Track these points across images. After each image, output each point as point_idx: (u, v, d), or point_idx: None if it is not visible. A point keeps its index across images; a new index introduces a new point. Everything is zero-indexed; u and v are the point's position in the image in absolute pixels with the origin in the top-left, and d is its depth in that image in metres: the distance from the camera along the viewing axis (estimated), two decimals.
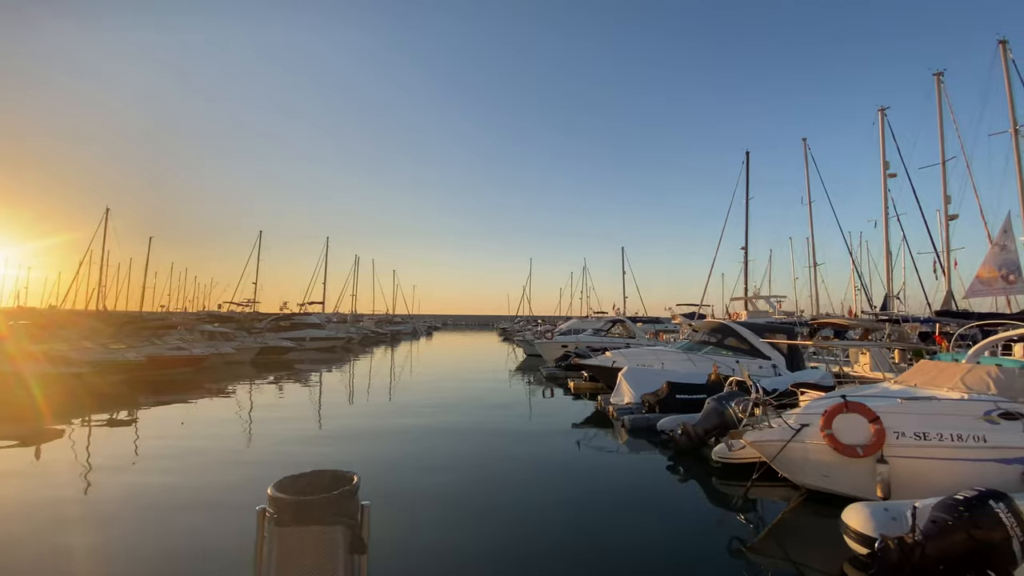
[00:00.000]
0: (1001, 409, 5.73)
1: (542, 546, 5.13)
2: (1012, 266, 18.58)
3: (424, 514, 6.00)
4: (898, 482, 5.61)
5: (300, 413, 13.03)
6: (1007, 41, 20.62)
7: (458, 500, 6.56)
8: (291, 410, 13.46)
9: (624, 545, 5.18)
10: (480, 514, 6.10)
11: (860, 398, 6.14)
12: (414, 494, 6.69)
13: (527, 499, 6.64)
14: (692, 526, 5.90)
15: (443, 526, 5.69)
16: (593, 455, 9.11)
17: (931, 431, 5.61)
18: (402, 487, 6.96)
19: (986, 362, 8.29)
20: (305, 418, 12.35)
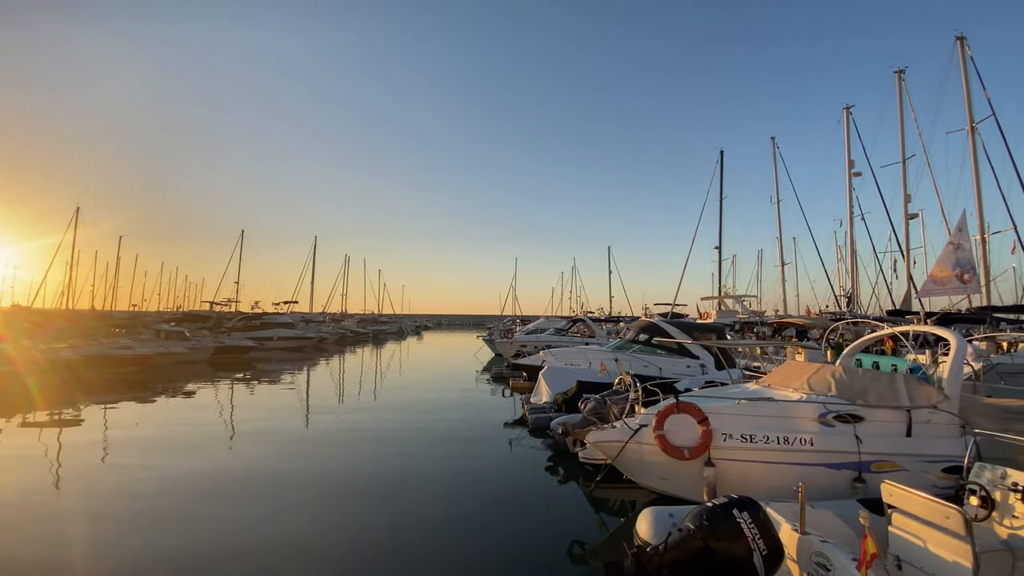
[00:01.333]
0: (835, 411, 5.50)
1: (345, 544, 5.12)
2: (967, 265, 18.30)
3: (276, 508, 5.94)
4: (725, 485, 5.38)
5: (203, 417, 12.31)
6: (965, 37, 20.38)
7: (303, 498, 6.50)
8: (194, 414, 12.62)
9: (459, 546, 5.22)
10: (323, 514, 6.02)
11: (694, 398, 5.94)
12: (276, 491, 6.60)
13: (382, 503, 6.53)
14: (534, 526, 5.81)
15: (276, 524, 5.63)
16: (488, 455, 8.96)
17: (758, 433, 5.39)
18: (267, 486, 6.83)
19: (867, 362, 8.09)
20: (205, 422, 11.95)
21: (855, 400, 5.59)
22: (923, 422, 5.41)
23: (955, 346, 5.81)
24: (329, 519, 5.83)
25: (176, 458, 8.28)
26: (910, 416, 5.42)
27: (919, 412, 5.43)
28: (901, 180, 22.72)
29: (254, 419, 12.09)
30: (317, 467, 7.93)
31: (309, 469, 7.82)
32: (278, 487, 6.92)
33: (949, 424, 5.36)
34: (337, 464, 8.20)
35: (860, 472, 5.17)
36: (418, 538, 5.38)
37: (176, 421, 11.63)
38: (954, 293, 19.04)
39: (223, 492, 6.64)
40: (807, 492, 5.24)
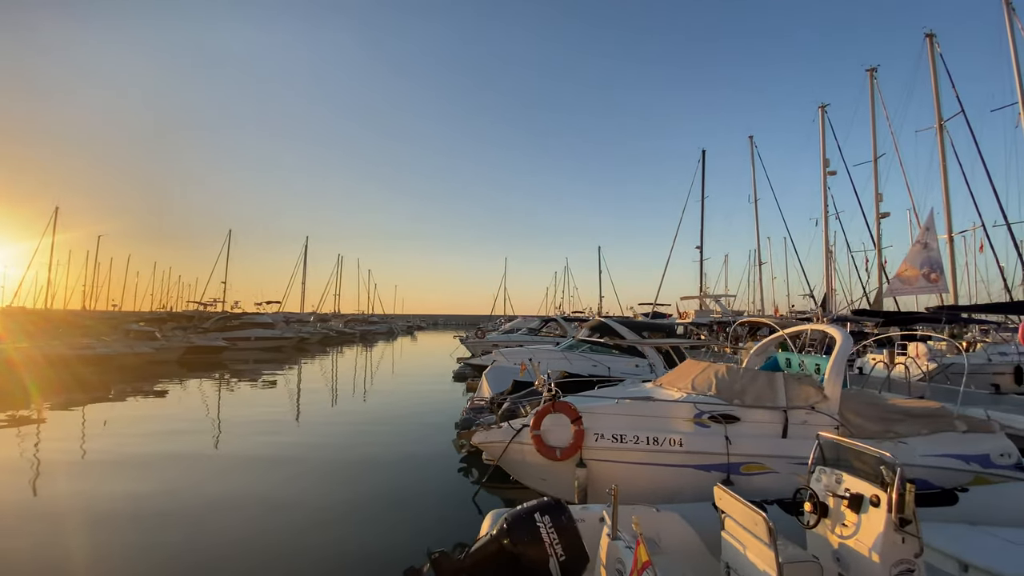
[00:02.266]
0: (711, 412, 5.38)
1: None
2: (934, 264, 18.17)
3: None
4: (597, 487, 5.28)
5: (129, 427, 11.33)
6: (935, 35, 20.24)
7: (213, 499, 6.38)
8: (120, 423, 11.75)
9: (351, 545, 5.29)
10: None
11: (578, 398, 5.82)
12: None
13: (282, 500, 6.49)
14: (419, 527, 5.80)
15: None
16: (418, 455, 8.90)
17: (629, 433, 5.27)
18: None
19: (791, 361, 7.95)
20: (139, 419, 11.74)
21: (732, 400, 5.47)
22: (799, 423, 5.28)
23: (839, 344, 5.68)
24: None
25: (69, 477, 7.53)
26: (786, 417, 5.30)
27: (796, 413, 5.31)
28: (873, 178, 22.62)
29: (176, 432, 10.70)
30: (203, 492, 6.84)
31: (190, 498, 6.65)
32: (157, 519, 5.96)
33: (826, 425, 5.22)
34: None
35: (728, 474, 5.05)
36: (276, 537, 5.30)
37: (96, 432, 11.01)
38: (921, 292, 18.96)
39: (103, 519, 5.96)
40: (674, 494, 5.15)
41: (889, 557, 3.23)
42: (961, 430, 5.20)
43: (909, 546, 3.22)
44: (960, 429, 5.20)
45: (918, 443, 5.12)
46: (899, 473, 3.30)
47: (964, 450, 5.08)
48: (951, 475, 4.99)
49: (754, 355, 7.33)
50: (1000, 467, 5.06)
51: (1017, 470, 5.08)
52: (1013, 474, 5.04)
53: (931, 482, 4.92)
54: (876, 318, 16.65)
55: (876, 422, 5.25)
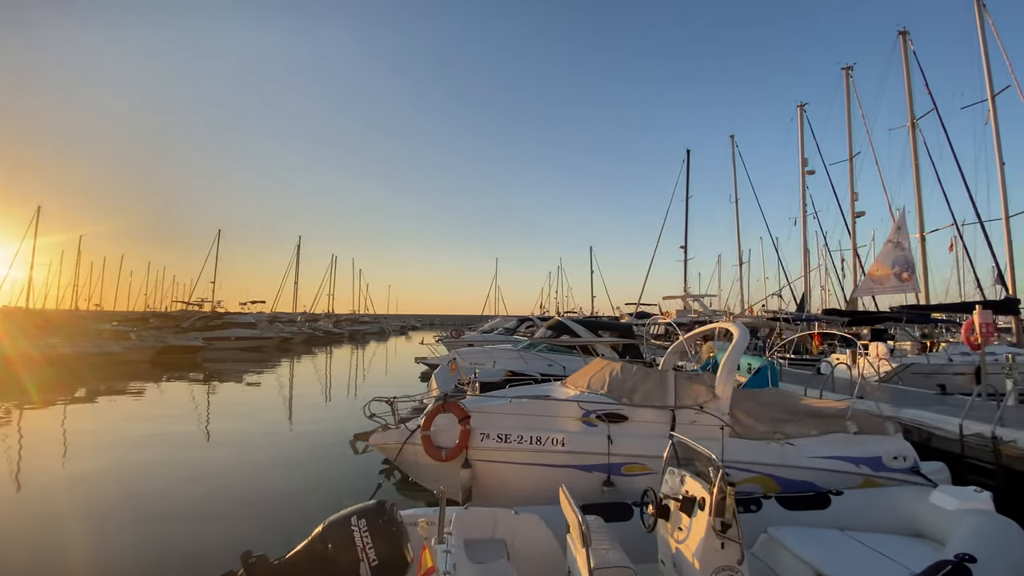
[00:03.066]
0: (600, 411, 5.24)
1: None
2: (906, 263, 18.02)
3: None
4: (482, 488, 5.15)
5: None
6: (908, 32, 20.11)
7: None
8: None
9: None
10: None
11: (475, 398, 5.69)
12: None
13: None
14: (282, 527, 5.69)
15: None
16: (334, 458, 8.74)
17: (514, 433, 5.13)
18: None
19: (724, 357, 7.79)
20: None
21: (621, 399, 5.33)
22: (688, 423, 5.14)
23: (735, 340, 5.54)
24: None
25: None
26: (674, 416, 5.16)
27: (684, 412, 5.17)
28: (848, 177, 22.47)
29: (94, 444, 9.73)
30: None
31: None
32: None
33: (713, 425, 5.08)
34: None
35: (609, 475, 4.91)
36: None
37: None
38: (892, 291, 18.81)
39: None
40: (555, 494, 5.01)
41: (710, 563, 3.09)
42: (852, 431, 5.06)
43: (730, 552, 3.08)
44: (851, 431, 5.06)
45: (807, 444, 4.98)
46: (720, 475, 3.17)
47: (855, 452, 4.94)
48: (840, 477, 4.86)
49: (670, 354, 7.20)
50: (892, 470, 4.92)
51: (911, 473, 4.94)
52: (905, 477, 4.90)
53: (817, 484, 4.78)
54: (843, 317, 16.51)
55: (766, 423, 5.11)
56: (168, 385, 17.51)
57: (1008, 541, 3.33)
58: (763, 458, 4.88)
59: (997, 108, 16.36)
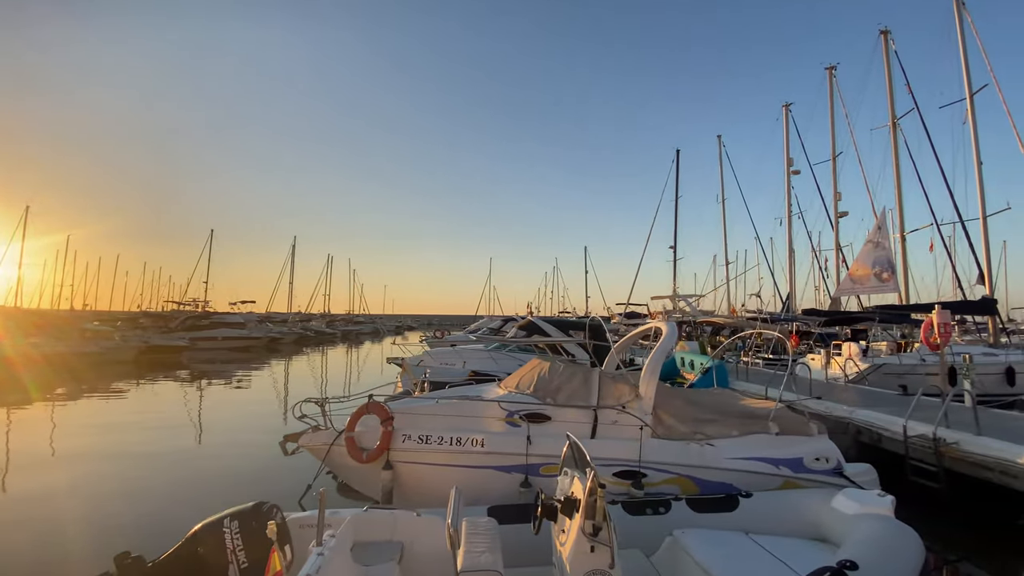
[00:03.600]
0: (524, 411, 5.18)
1: None
2: (886, 263, 17.95)
3: None
4: (404, 490, 5.09)
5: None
6: (890, 31, 20.02)
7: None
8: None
9: None
10: None
11: (403, 400, 5.64)
12: None
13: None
14: None
15: None
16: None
17: (434, 434, 5.07)
18: None
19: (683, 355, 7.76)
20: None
21: (546, 399, 5.28)
22: (610, 423, 5.08)
23: (663, 338, 5.48)
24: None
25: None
26: (596, 416, 5.10)
27: (607, 412, 5.11)
28: (832, 177, 22.39)
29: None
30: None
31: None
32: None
33: (635, 425, 5.02)
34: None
35: (527, 475, 4.85)
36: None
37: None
38: (872, 291, 18.72)
39: None
40: (477, 496, 4.95)
41: (580, 567, 3.04)
42: (773, 432, 5.00)
43: (600, 556, 3.02)
44: (772, 431, 5.00)
45: (728, 445, 4.92)
46: (592, 476, 3.11)
47: (776, 453, 4.88)
48: (760, 479, 4.80)
49: (615, 351, 7.14)
50: (814, 471, 4.86)
51: (834, 475, 4.88)
52: (827, 479, 4.84)
53: (735, 486, 4.71)
54: (820, 317, 16.45)
55: (688, 423, 5.06)
56: (140, 384, 17.48)
57: (896, 548, 3.27)
58: (682, 459, 4.82)
59: (975, 107, 16.28)
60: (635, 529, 4.17)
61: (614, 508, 4.31)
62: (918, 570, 3.18)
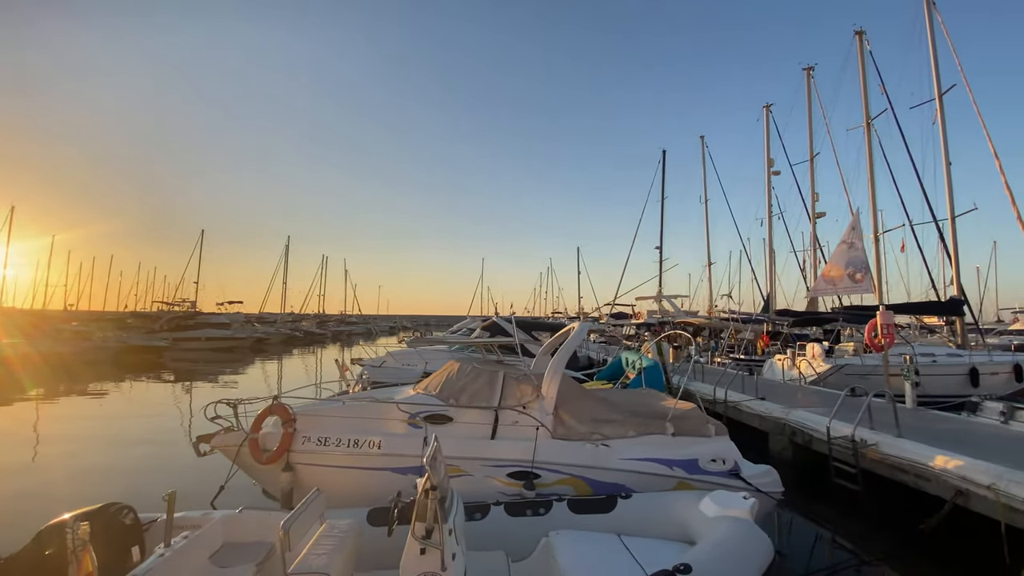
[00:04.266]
0: (427, 412, 5.18)
1: None
2: (860, 264, 17.87)
3: None
4: (305, 492, 5.05)
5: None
6: (864, 32, 19.98)
7: None
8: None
9: None
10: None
11: (310, 402, 5.63)
12: None
13: None
14: None
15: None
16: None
17: (333, 436, 5.07)
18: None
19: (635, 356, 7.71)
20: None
21: (449, 400, 5.27)
22: (510, 424, 5.07)
23: (568, 339, 5.48)
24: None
25: None
26: (497, 417, 5.10)
27: (508, 413, 5.10)
28: (809, 178, 22.35)
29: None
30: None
31: None
32: None
33: (534, 426, 5.01)
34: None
35: None
36: None
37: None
38: (845, 292, 18.69)
39: None
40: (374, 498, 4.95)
41: (410, 570, 3.03)
42: (669, 433, 4.99)
43: (431, 558, 3.02)
44: (668, 432, 4.99)
45: (624, 446, 4.91)
46: (425, 478, 3.11)
47: (671, 454, 4.87)
48: (653, 479, 4.79)
49: (541, 354, 7.14)
50: (709, 473, 4.85)
51: (730, 477, 4.86)
52: (722, 480, 4.82)
53: (628, 486, 4.71)
54: (790, 317, 16.44)
55: (587, 423, 5.04)
56: (108, 384, 17.44)
57: (738, 550, 3.26)
58: (576, 459, 4.81)
59: (945, 107, 16.26)
60: (514, 530, 4.16)
61: (496, 509, 4.31)
62: (759, 572, 3.18)
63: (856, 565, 5.26)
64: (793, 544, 5.73)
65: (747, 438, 8.89)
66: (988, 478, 4.88)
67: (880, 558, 5.40)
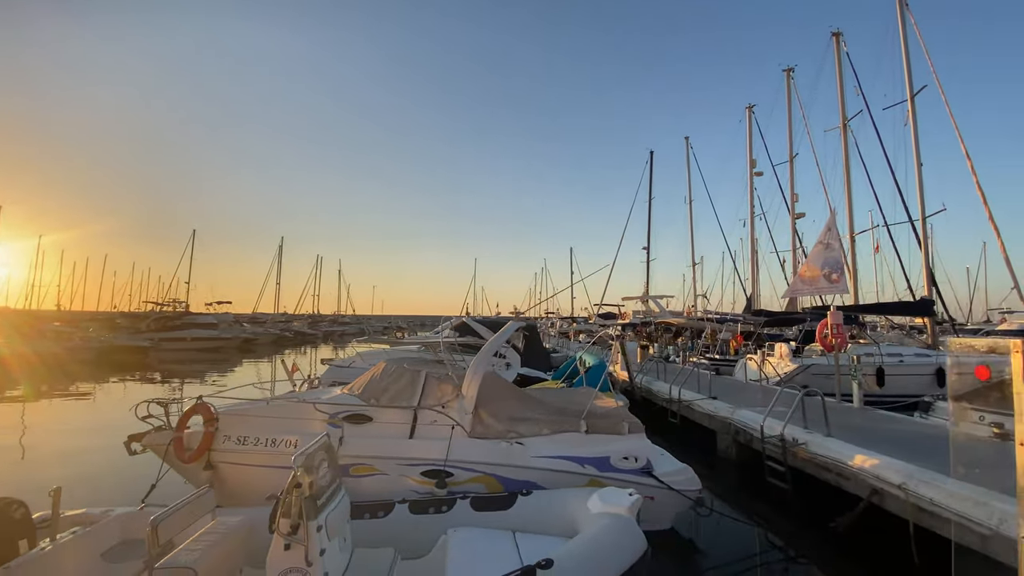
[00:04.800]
0: (348, 412, 5.24)
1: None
2: (835, 265, 17.94)
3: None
4: (225, 491, 5.13)
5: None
6: (841, 33, 20.07)
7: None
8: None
9: None
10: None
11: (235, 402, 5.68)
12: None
13: None
14: None
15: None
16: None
17: (252, 435, 5.13)
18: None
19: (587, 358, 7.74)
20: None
21: (370, 400, 5.33)
22: (429, 423, 5.13)
23: (491, 339, 5.53)
24: None
25: None
26: (416, 417, 5.15)
27: (427, 412, 5.16)
28: (789, 179, 22.43)
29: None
30: None
31: None
32: None
33: (452, 425, 5.07)
34: None
35: None
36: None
37: None
38: (821, 292, 18.77)
39: None
40: None
41: (276, 566, 3.09)
42: (583, 431, 5.05)
43: (295, 554, 3.08)
44: (582, 430, 5.05)
45: (537, 444, 4.97)
46: (291, 477, 3.16)
47: (583, 452, 4.92)
48: (564, 477, 4.84)
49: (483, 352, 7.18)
50: (621, 471, 4.90)
51: (642, 475, 4.92)
52: (633, 478, 4.88)
53: (539, 484, 4.76)
54: (763, 317, 16.52)
55: (504, 422, 5.10)
56: (77, 384, 17.48)
57: (603, 546, 3.32)
58: (489, 458, 4.87)
59: (916, 108, 16.33)
60: (416, 528, 4.22)
61: (401, 507, 4.37)
62: (623, 566, 3.23)
63: (779, 562, 5.32)
64: (720, 542, 5.76)
65: (699, 436, 8.98)
66: (900, 477, 4.94)
67: (804, 556, 5.47)
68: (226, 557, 3.51)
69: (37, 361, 20.83)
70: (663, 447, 5.42)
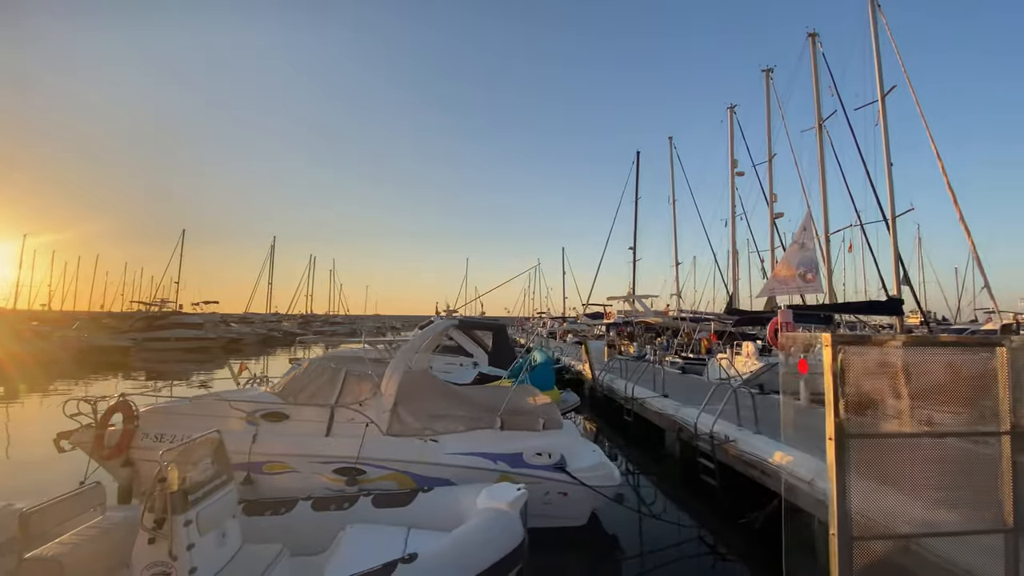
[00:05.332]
0: (265, 410, 5.28)
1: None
2: (810, 264, 18.07)
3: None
4: (144, 487, 5.16)
5: None
6: (817, 34, 20.16)
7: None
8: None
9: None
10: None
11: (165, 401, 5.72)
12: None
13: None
14: None
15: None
16: None
17: (170, 433, 5.16)
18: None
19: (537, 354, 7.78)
20: None
21: (288, 398, 5.37)
22: (346, 421, 5.17)
23: (412, 339, 5.57)
24: None
25: None
26: (333, 414, 5.19)
27: (344, 411, 5.20)
28: (768, 179, 22.51)
29: None
30: None
31: None
32: None
33: (369, 422, 5.11)
34: None
35: (249, 472, 4.93)
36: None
37: None
38: (796, 292, 18.88)
39: None
40: None
41: (140, 560, 3.12)
42: (497, 427, 5.09)
43: (159, 548, 3.11)
44: (496, 426, 5.09)
45: (452, 441, 5.01)
46: (157, 472, 3.19)
47: (496, 448, 4.97)
48: (476, 473, 4.88)
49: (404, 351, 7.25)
50: (533, 467, 4.95)
51: (554, 470, 4.96)
52: (545, 474, 4.93)
53: (452, 480, 4.81)
54: (735, 316, 16.60)
55: (423, 419, 5.14)
56: (46, 384, 17.47)
57: (472, 540, 3.36)
58: (402, 455, 4.91)
59: (887, 108, 16.42)
60: (317, 525, 4.25)
61: (304, 504, 4.40)
62: (490, 561, 3.28)
63: (692, 557, 5.38)
64: (637, 537, 5.77)
65: (650, 434, 9.04)
66: (809, 473, 4.99)
67: (718, 551, 5.54)
68: (108, 553, 3.54)
69: (13, 360, 20.81)
70: (620, 443, 5.46)
